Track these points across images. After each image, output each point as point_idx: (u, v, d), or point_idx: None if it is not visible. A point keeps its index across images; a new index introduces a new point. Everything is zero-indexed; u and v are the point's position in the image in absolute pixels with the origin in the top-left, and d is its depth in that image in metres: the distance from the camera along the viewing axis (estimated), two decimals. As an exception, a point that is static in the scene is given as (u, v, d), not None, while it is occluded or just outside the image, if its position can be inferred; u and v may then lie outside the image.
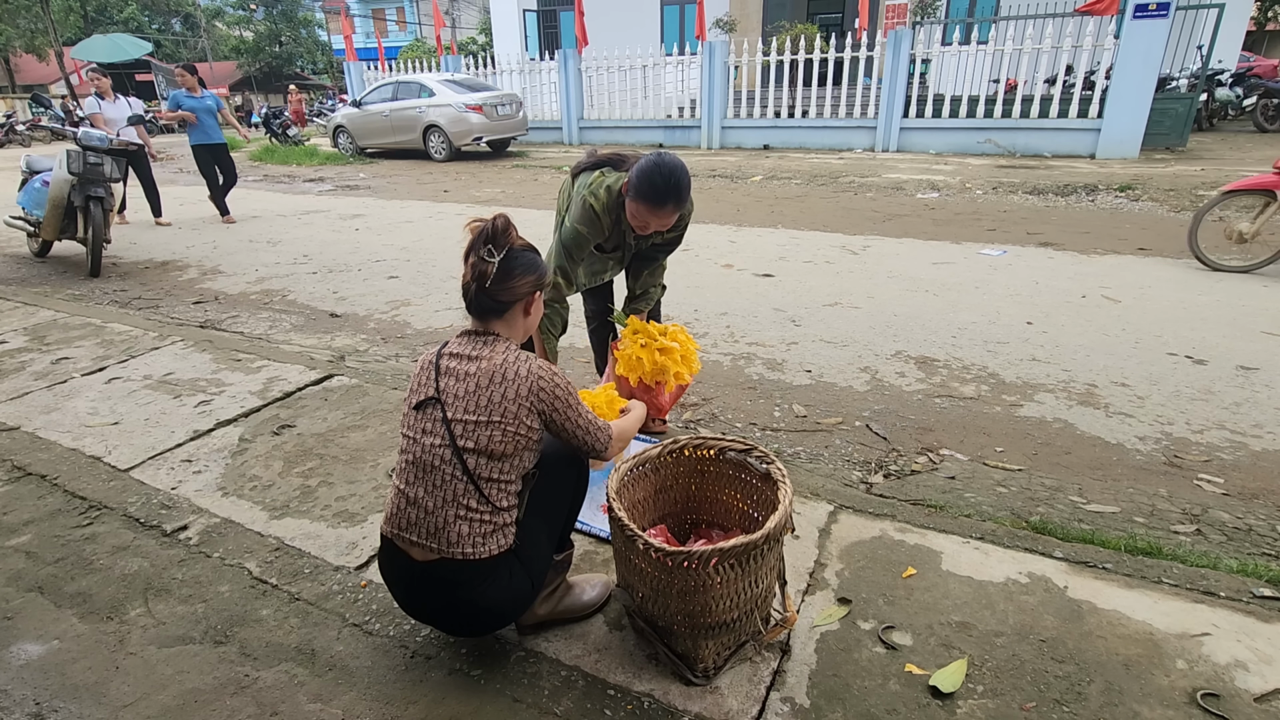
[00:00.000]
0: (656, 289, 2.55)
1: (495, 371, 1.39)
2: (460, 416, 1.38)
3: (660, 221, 2.09)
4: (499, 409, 1.38)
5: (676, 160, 2.04)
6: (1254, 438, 2.64)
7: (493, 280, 1.41)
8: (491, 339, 1.45)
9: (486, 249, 1.41)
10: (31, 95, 9.00)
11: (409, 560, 1.42)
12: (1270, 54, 21.52)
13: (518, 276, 1.44)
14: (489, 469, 1.39)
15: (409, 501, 1.41)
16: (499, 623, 1.51)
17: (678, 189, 2.02)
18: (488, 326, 1.48)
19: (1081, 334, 3.69)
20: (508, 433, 1.38)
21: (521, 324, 1.52)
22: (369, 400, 2.92)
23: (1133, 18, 9.29)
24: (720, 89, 12.52)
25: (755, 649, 1.57)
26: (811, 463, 2.54)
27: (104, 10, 33.44)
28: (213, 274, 5.41)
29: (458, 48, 21.04)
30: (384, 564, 1.50)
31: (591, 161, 2.28)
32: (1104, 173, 8.55)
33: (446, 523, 1.37)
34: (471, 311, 1.48)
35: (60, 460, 2.48)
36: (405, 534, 1.41)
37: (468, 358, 1.43)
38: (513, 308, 1.47)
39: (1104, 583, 1.77)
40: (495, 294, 1.43)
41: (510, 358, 1.41)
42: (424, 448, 1.40)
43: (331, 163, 12.97)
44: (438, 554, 1.38)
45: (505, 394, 1.38)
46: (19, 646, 1.65)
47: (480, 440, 1.37)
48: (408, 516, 1.41)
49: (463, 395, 1.39)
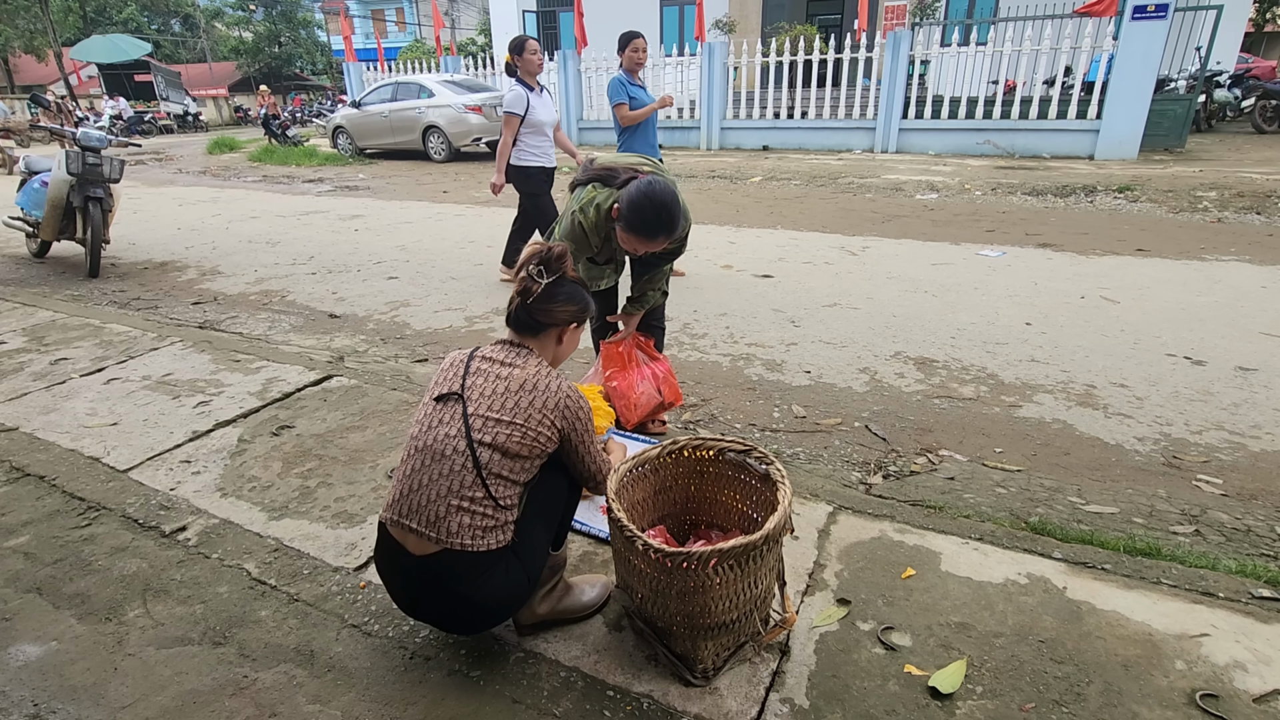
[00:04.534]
0: (655, 294, 2.55)
1: (527, 380, 1.44)
2: (481, 412, 1.42)
3: (652, 248, 2.09)
4: (523, 414, 1.42)
5: (667, 189, 2.01)
6: (1253, 438, 2.65)
7: (536, 299, 1.49)
8: (526, 352, 1.51)
9: (538, 269, 1.50)
10: (30, 96, 9.00)
11: (405, 553, 1.42)
12: (1269, 55, 21.56)
13: (560, 302, 1.52)
14: (500, 465, 1.41)
15: (412, 488, 1.42)
16: (495, 619, 1.51)
17: (670, 221, 2.01)
18: (523, 341, 1.54)
19: (1080, 335, 3.70)
20: (526, 436, 1.42)
21: (553, 350, 1.58)
22: (368, 401, 2.92)
23: (1131, 19, 9.30)
24: (719, 90, 12.52)
25: (754, 650, 1.57)
26: (811, 463, 2.54)
27: (103, 11, 33.45)
28: (212, 274, 5.41)
29: (457, 48, 21.05)
30: (380, 557, 1.51)
31: (585, 177, 2.27)
32: (1103, 174, 8.56)
33: (448, 512, 1.38)
34: (510, 324, 1.54)
35: (59, 461, 2.48)
36: (404, 520, 1.42)
37: (501, 363, 1.48)
38: (548, 331, 1.55)
39: (1103, 583, 1.78)
40: (535, 313, 1.50)
41: (544, 372, 1.48)
42: (436, 437, 1.42)
43: (331, 163, 12.96)
44: (435, 543, 1.39)
45: (533, 403, 1.43)
46: (17, 647, 1.64)
47: (498, 437, 1.40)
48: (409, 503, 1.42)
49: (489, 394, 1.43)
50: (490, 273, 5.19)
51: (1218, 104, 12.99)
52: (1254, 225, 6.30)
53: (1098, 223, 6.56)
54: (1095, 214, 6.99)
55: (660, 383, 2.58)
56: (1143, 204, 7.24)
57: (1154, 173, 8.51)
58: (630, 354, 2.58)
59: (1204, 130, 12.86)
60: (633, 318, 2.55)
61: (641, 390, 2.54)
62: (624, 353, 2.57)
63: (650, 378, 2.57)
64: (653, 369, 2.60)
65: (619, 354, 2.57)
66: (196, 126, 25.78)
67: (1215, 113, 13.18)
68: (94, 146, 5.03)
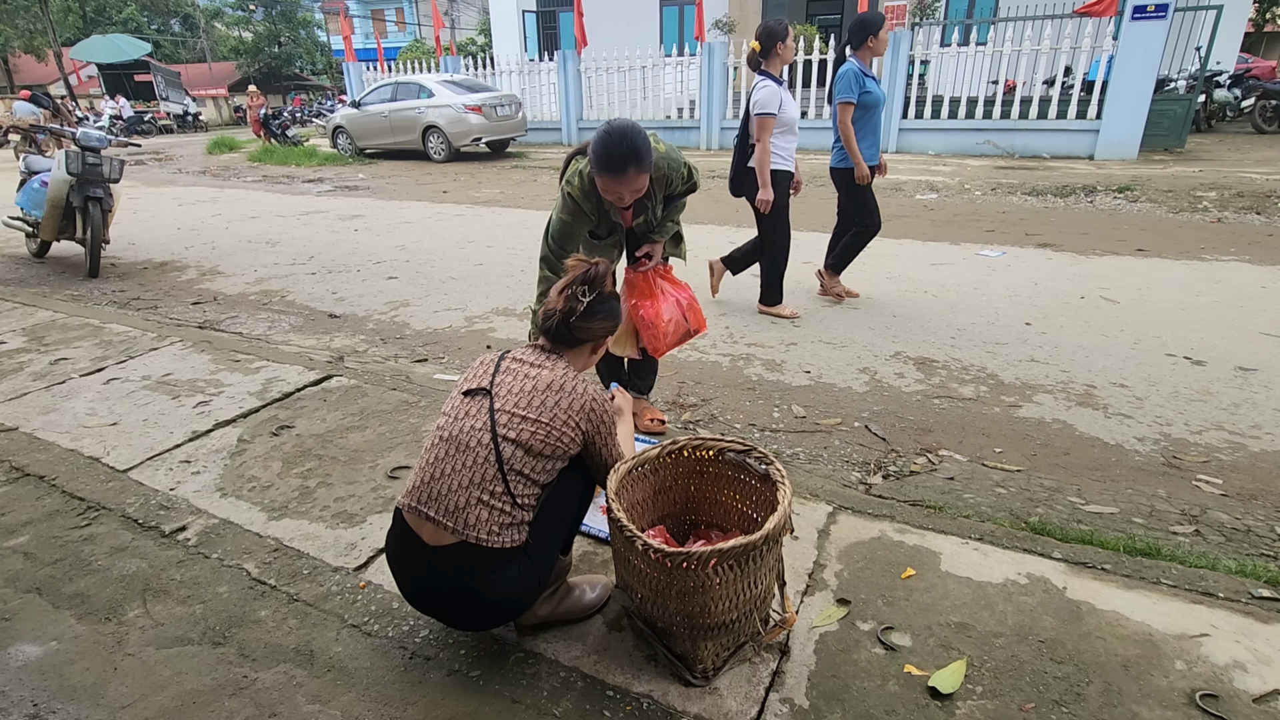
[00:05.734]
0: (672, 225, 2.50)
1: (555, 382, 1.48)
2: (508, 409, 1.45)
3: (630, 187, 2.05)
4: (548, 413, 1.45)
5: (626, 123, 2.03)
6: (1252, 438, 2.65)
7: (579, 317, 1.55)
8: (556, 358, 1.56)
9: (582, 288, 1.55)
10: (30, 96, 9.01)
11: (420, 543, 1.43)
12: (1268, 55, 21.56)
13: (599, 319, 1.58)
14: (522, 462, 1.43)
15: (434, 476, 1.43)
16: (502, 616, 1.51)
17: (634, 151, 1.99)
18: (556, 350, 1.59)
19: (1080, 335, 3.70)
20: (550, 436, 1.44)
21: (585, 360, 1.65)
22: (368, 401, 2.92)
23: (1131, 19, 9.31)
24: (719, 90, 12.52)
25: (754, 650, 1.57)
26: (810, 463, 2.54)
27: (103, 10, 33.44)
28: (211, 274, 5.41)
29: (457, 48, 21.02)
30: (393, 546, 1.51)
31: (569, 155, 2.31)
32: (1102, 174, 8.56)
33: (468, 503, 1.39)
34: (546, 335, 1.59)
35: (58, 461, 2.48)
36: (423, 508, 1.42)
37: (531, 364, 1.53)
38: (584, 345, 1.61)
39: (1103, 583, 1.78)
40: (575, 330, 1.56)
41: (571, 375, 1.52)
42: (462, 428, 1.45)
43: (330, 163, 12.96)
44: (451, 534, 1.39)
45: (559, 403, 1.46)
46: (17, 647, 1.64)
47: (522, 434, 1.43)
48: (430, 490, 1.43)
49: (516, 392, 1.47)
50: (490, 272, 5.18)
51: (1218, 104, 12.99)
52: (1254, 225, 6.30)
53: (1098, 223, 6.56)
54: (1095, 214, 6.99)
55: (685, 309, 2.54)
56: (1143, 204, 7.24)
57: (1154, 173, 8.51)
58: (654, 281, 2.53)
59: (1204, 130, 12.86)
60: (658, 245, 2.49)
61: (669, 318, 2.49)
62: (649, 280, 2.51)
63: (676, 305, 2.52)
64: (677, 296, 2.54)
65: (644, 281, 2.51)
66: (196, 126, 25.79)
67: (1215, 113, 13.19)
68: (94, 146, 5.03)
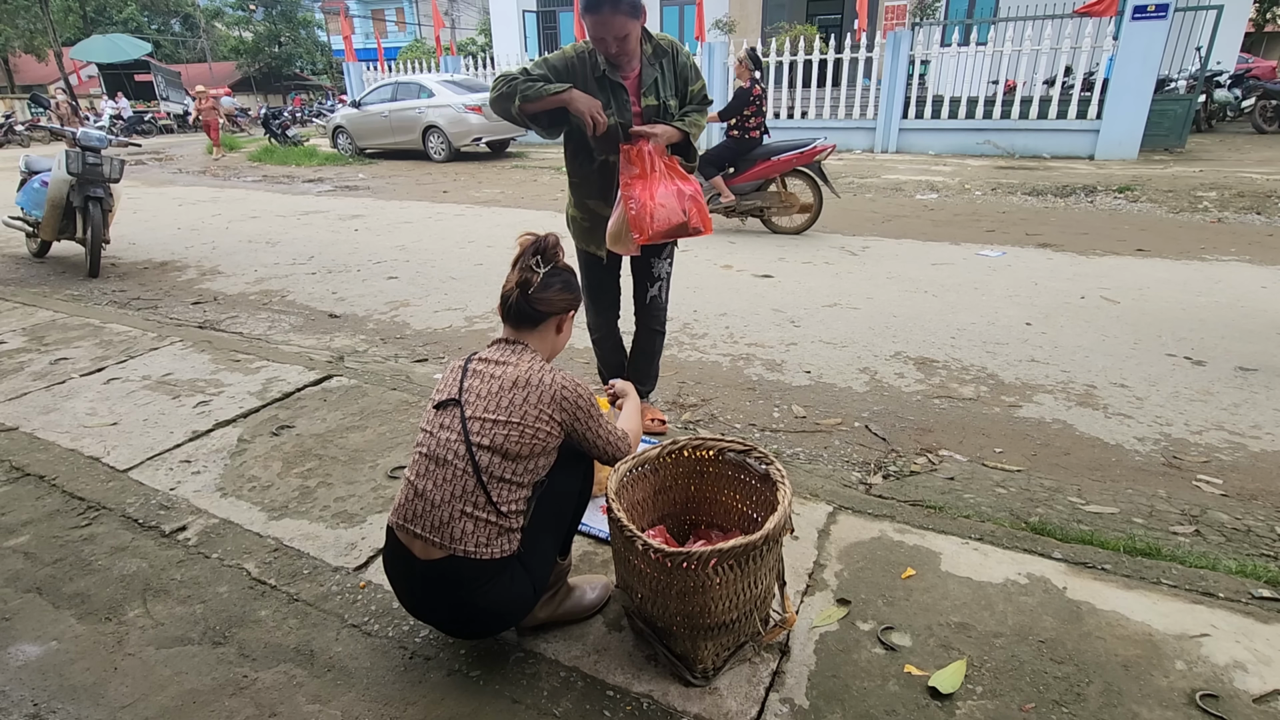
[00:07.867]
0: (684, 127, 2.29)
1: (520, 378, 1.45)
2: (478, 414, 1.42)
3: (612, 30, 2.08)
4: (518, 411, 1.42)
5: None
6: (1253, 439, 2.65)
7: (535, 289, 1.51)
8: (521, 348, 1.52)
9: (535, 259, 1.53)
10: (30, 95, 9.01)
11: (411, 557, 1.43)
12: (1269, 55, 21.55)
13: (556, 290, 1.54)
14: (501, 468, 1.40)
15: (417, 493, 1.43)
16: (499, 625, 1.52)
17: None
18: (520, 336, 1.55)
19: (1080, 335, 3.70)
20: (525, 435, 1.41)
21: (552, 340, 1.61)
22: (368, 401, 2.92)
23: (1131, 19, 9.31)
24: (719, 90, 12.51)
25: (754, 650, 1.57)
26: (810, 463, 2.54)
27: (103, 10, 33.42)
28: (212, 274, 5.41)
29: (457, 48, 21.02)
30: (388, 559, 1.52)
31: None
32: (1103, 174, 8.56)
33: (451, 518, 1.38)
34: (508, 319, 1.56)
35: (59, 461, 2.48)
36: (409, 525, 1.42)
37: (495, 362, 1.49)
38: (547, 321, 1.56)
39: (1103, 584, 1.78)
40: (535, 303, 1.52)
41: (535, 366, 1.48)
42: (439, 442, 1.43)
43: (331, 163, 12.96)
44: (440, 549, 1.39)
45: (527, 399, 1.43)
46: (17, 647, 1.64)
47: (495, 439, 1.40)
48: (414, 508, 1.42)
49: (484, 395, 1.44)
50: (490, 272, 5.18)
51: (1218, 104, 12.99)
52: (1254, 225, 6.30)
53: (1098, 223, 6.56)
54: (1095, 214, 6.99)
55: (687, 201, 2.23)
56: (1143, 204, 7.24)
57: (1154, 173, 8.51)
58: (654, 161, 2.19)
59: (1204, 130, 12.86)
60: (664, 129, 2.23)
61: (661, 201, 2.18)
62: (647, 157, 2.18)
63: (676, 195, 2.21)
64: (680, 185, 2.24)
65: (641, 157, 2.18)
66: (196, 126, 25.76)
67: (1215, 113, 13.19)
68: (94, 146, 5.03)
